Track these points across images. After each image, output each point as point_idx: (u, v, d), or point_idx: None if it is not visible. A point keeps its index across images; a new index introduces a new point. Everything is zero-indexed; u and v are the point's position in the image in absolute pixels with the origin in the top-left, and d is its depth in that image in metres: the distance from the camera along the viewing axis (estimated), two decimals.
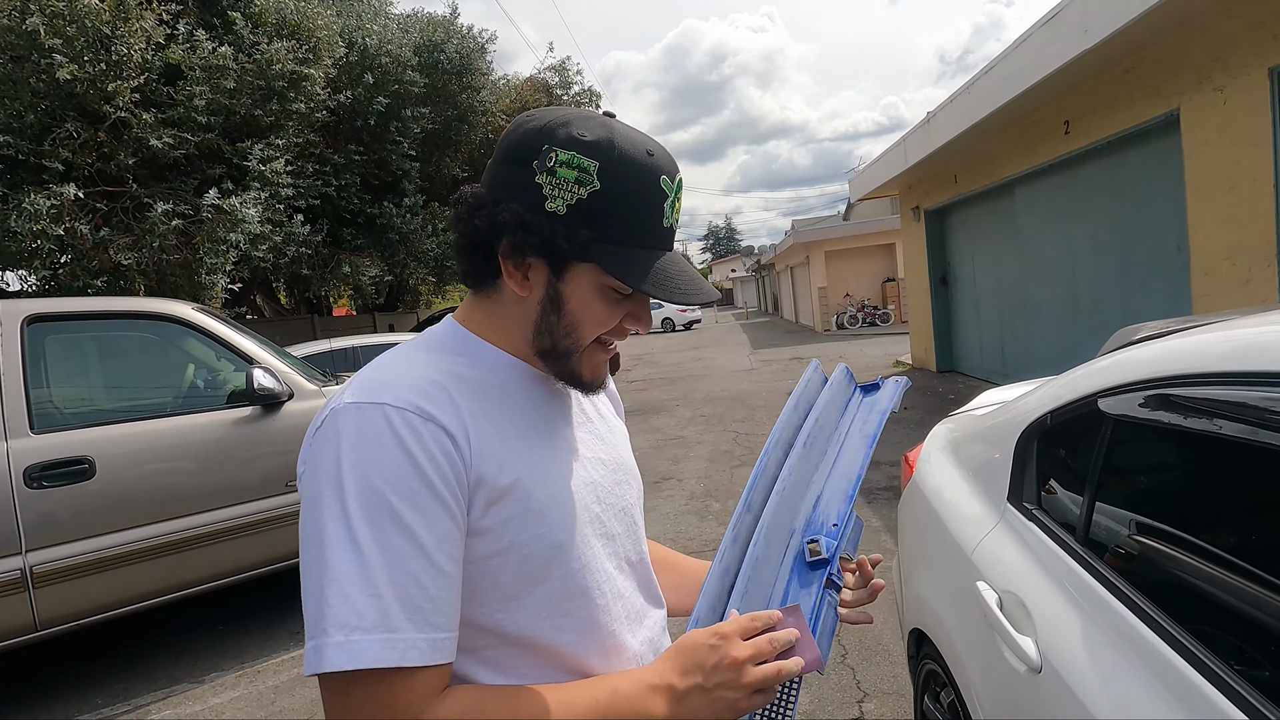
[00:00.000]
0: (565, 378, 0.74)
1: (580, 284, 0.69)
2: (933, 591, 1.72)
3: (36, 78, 5.22)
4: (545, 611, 0.68)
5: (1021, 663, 1.19)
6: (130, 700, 3.06)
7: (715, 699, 0.64)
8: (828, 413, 0.97)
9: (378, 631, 0.56)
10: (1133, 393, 1.16)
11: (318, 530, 0.59)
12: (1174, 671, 0.91)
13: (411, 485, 0.60)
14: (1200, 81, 4.17)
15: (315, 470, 0.62)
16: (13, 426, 2.89)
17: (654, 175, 0.68)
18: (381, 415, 0.61)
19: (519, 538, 0.66)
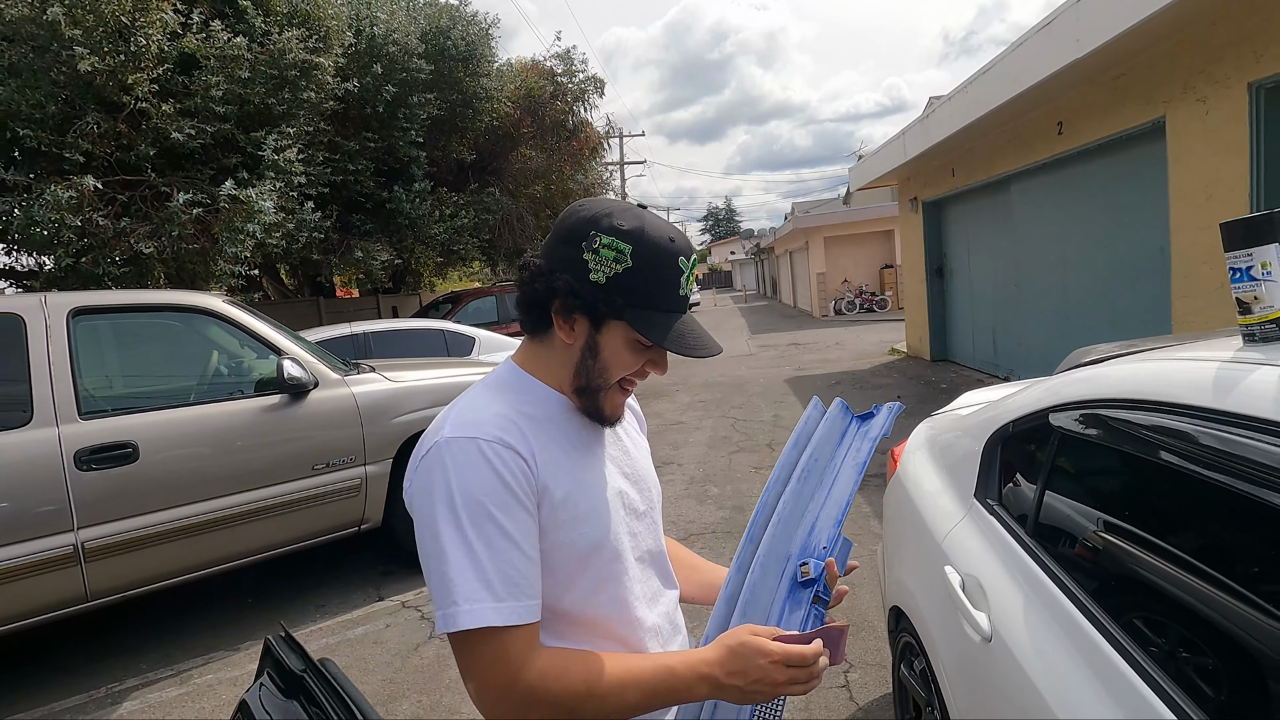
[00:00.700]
0: (589, 411, 0.94)
1: (613, 337, 0.90)
2: (909, 574, 1.96)
3: (57, 69, 5.34)
4: (587, 593, 0.90)
5: (977, 634, 1.42)
6: (173, 665, 3.31)
7: (746, 695, 0.84)
8: (822, 446, 1.11)
9: (489, 601, 0.79)
10: (1073, 410, 1.38)
11: (436, 531, 0.81)
12: (1090, 642, 1.13)
13: (502, 496, 0.82)
14: (1186, 91, 4.35)
15: (429, 487, 0.83)
16: (63, 412, 3.09)
17: (674, 257, 0.88)
18: (475, 447, 0.82)
19: (568, 537, 0.87)
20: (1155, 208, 4.90)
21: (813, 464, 1.08)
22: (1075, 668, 1.15)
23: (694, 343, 0.90)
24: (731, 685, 0.83)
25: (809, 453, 1.09)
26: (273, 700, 0.48)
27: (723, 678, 0.83)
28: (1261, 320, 1.12)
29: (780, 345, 14.54)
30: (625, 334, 0.89)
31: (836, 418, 1.17)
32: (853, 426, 1.17)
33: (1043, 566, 1.35)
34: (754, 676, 0.82)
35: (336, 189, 7.98)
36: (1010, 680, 1.29)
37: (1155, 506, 1.24)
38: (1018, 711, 1.27)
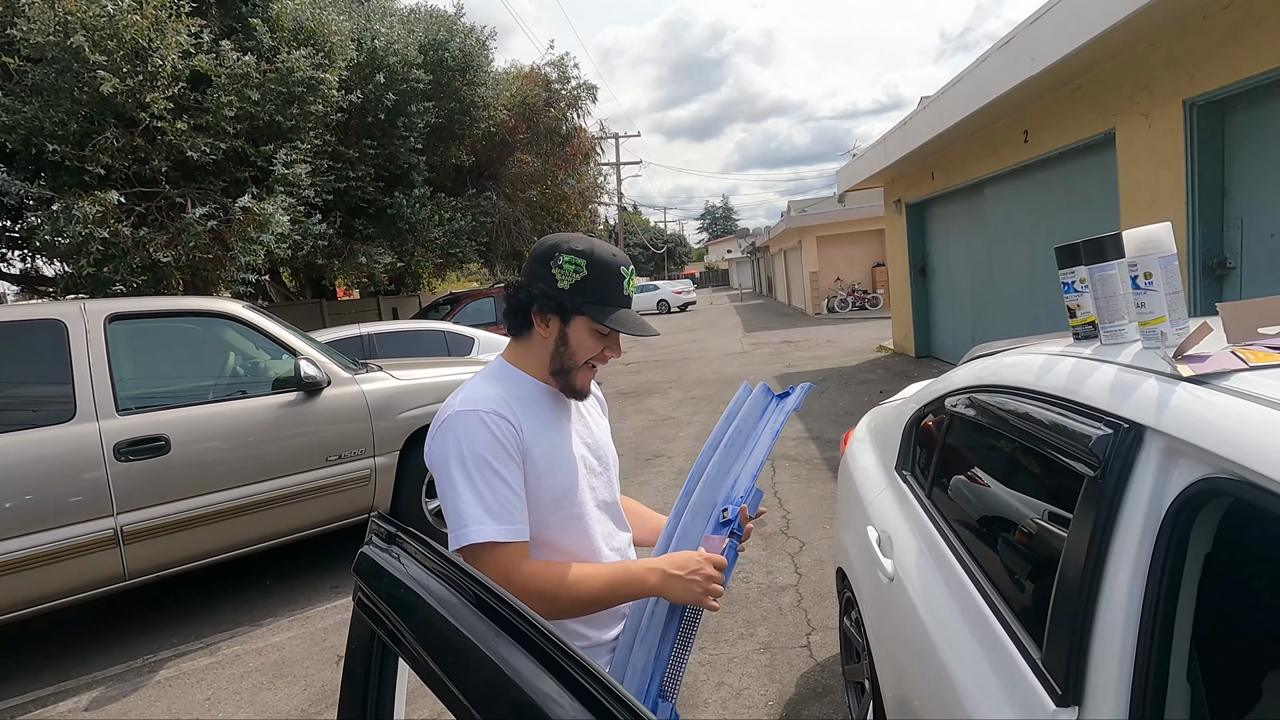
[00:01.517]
0: (564, 388, 1.27)
1: (578, 328, 1.23)
2: (848, 537, 2.30)
3: (79, 89, 5.66)
4: (559, 528, 1.24)
5: (884, 576, 1.76)
6: (202, 639, 3.65)
7: (686, 585, 1.17)
8: (746, 420, 1.43)
9: (491, 524, 1.12)
10: (959, 395, 1.72)
11: (451, 477, 1.14)
12: (953, 572, 1.47)
13: (498, 451, 1.15)
14: (1131, 106, 4.69)
15: (444, 445, 1.16)
16: (102, 408, 3.42)
17: (616, 267, 1.23)
18: (478, 417, 1.16)
19: (545, 485, 1.21)
20: (1109, 212, 5.24)
21: (736, 434, 1.42)
22: (944, 594, 1.49)
23: (635, 327, 1.24)
24: (674, 574, 1.17)
25: (734, 426, 1.43)
26: (380, 549, 0.80)
27: (667, 567, 1.18)
28: (1081, 323, 1.46)
29: (773, 343, 14.86)
30: (586, 325, 1.22)
31: (759, 396, 1.51)
32: (772, 404, 1.51)
33: (931, 519, 1.69)
34: (691, 567, 1.18)
35: (339, 195, 8.31)
36: (904, 610, 1.63)
37: (998, 465, 1.58)
38: (910, 633, 1.60)
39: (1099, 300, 1.36)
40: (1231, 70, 3.83)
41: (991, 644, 1.25)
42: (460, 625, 0.66)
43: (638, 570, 1.19)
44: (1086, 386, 1.20)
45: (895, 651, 1.72)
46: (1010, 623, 1.23)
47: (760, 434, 1.44)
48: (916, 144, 7.67)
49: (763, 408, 1.49)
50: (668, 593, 1.18)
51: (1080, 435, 1.12)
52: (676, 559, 1.20)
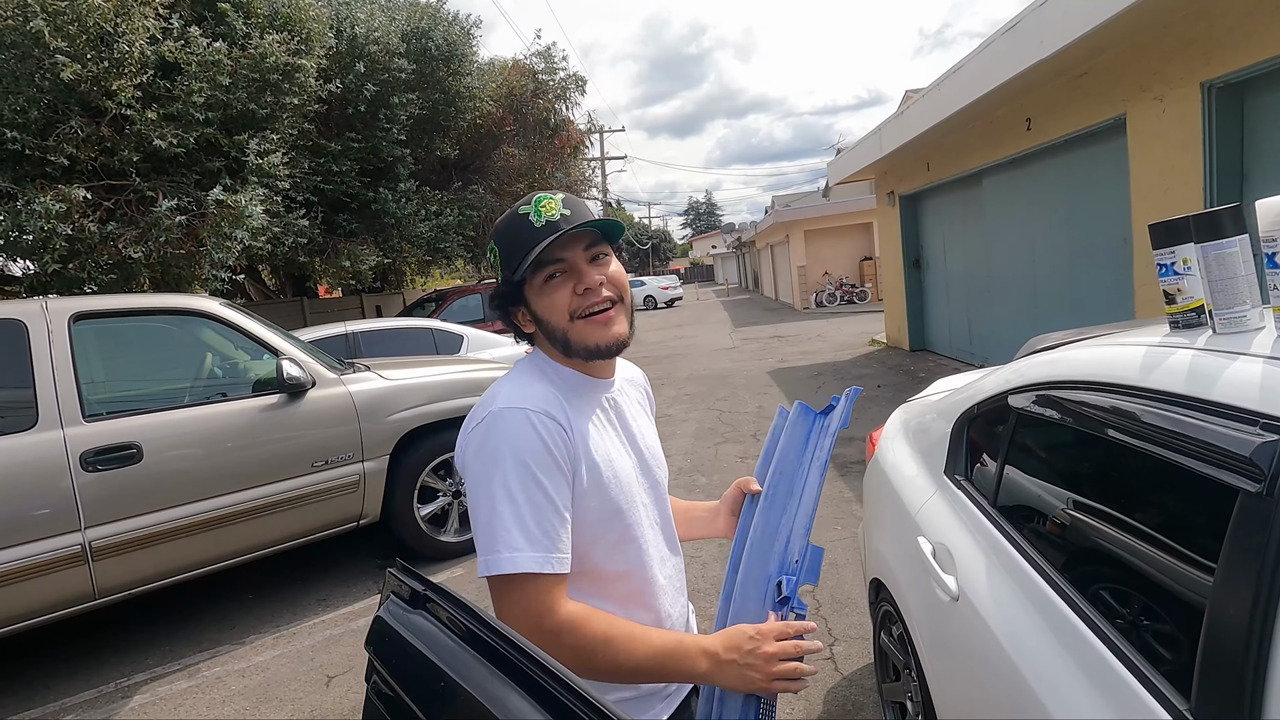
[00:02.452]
0: (583, 353, 1.03)
1: (533, 295, 1.04)
2: (887, 546, 2.12)
3: (40, 75, 5.34)
4: (610, 550, 1.03)
5: (946, 595, 1.58)
6: (179, 660, 3.40)
7: (743, 675, 0.96)
8: (787, 455, 1.18)
9: (528, 550, 0.91)
10: (1029, 392, 1.55)
11: (489, 488, 0.94)
12: (1045, 597, 1.29)
13: (545, 460, 0.94)
14: (1143, 90, 4.57)
15: (483, 448, 0.96)
16: (67, 415, 3.16)
17: (513, 212, 1.03)
18: (524, 417, 0.95)
19: (596, 500, 1.00)
20: (1117, 201, 5.13)
21: (779, 480, 1.17)
22: (1031, 620, 1.31)
23: (552, 233, 0.99)
24: (729, 660, 0.96)
25: (774, 468, 1.19)
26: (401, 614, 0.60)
27: (721, 652, 0.97)
28: (1183, 309, 1.28)
29: (763, 338, 14.74)
30: (531, 284, 1.03)
31: (798, 420, 1.26)
32: (815, 425, 1.25)
33: (1003, 532, 1.51)
34: (746, 649, 0.96)
35: (321, 190, 8.01)
36: (975, 634, 1.45)
37: (1097, 474, 1.41)
38: (982, 662, 1.43)
39: (1213, 283, 1.19)
40: (1252, 51, 3.70)
41: (1110, 684, 1.07)
42: None
43: (691, 649, 0.98)
44: (1222, 384, 1.02)
45: (961, 677, 1.55)
46: (1135, 661, 1.05)
47: (807, 469, 1.18)
48: (914, 134, 7.53)
49: (805, 433, 1.24)
50: (722, 681, 0.98)
51: (1226, 442, 0.94)
52: (730, 639, 0.98)
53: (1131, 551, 1.20)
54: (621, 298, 1.06)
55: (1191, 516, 1.08)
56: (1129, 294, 5.04)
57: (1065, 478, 1.49)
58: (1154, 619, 1.14)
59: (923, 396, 2.66)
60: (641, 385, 1.27)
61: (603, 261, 1.05)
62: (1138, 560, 1.18)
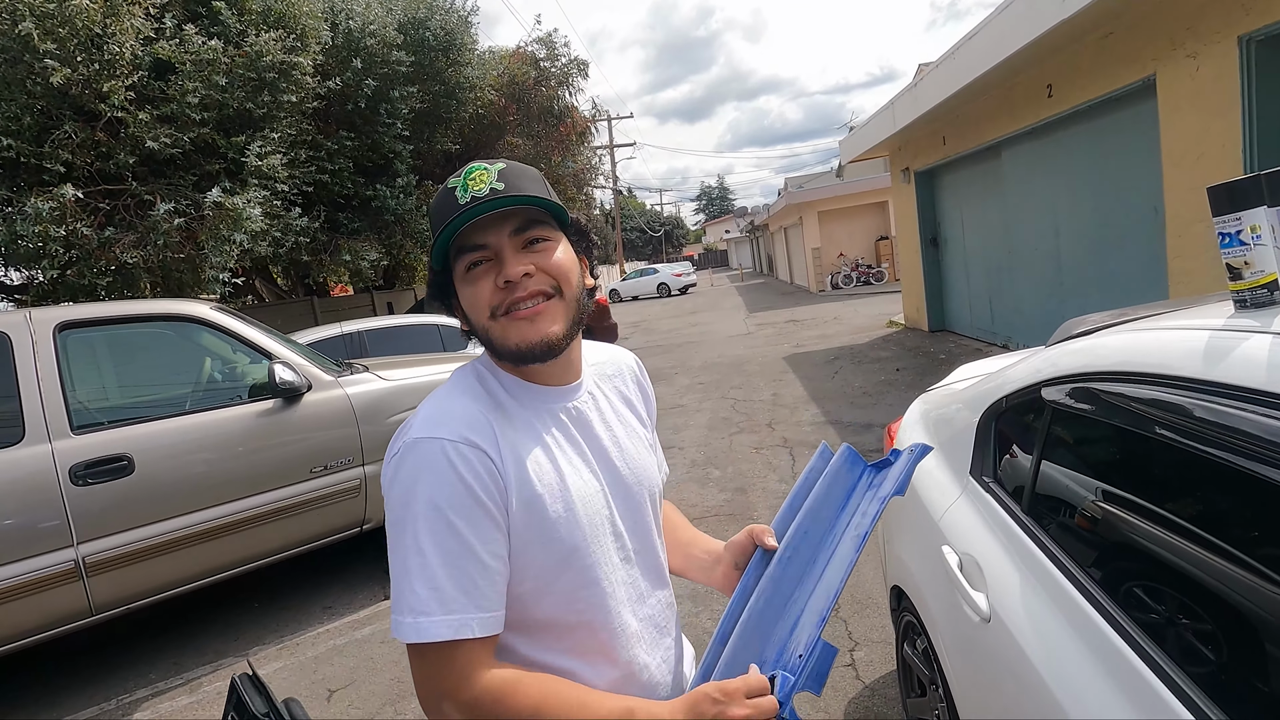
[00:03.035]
0: (509, 357, 0.87)
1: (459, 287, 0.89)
2: (908, 553, 1.95)
3: (31, 80, 5.26)
4: (566, 597, 0.86)
5: (975, 614, 1.41)
6: (182, 674, 3.33)
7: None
8: (820, 511, 0.95)
9: (438, 614, 0.76)
10: (1066, 384, 1.36)
11: (397, 536, 0.80)
12: (1090, 622, 1.12)
13: (463, 501, 0.78)
14: (1174, 48, 4.28)
15: (392, 489, 0.81)
16: (54, 428, 3.07)
17: (444, 187, 0.88)
18: (439, 449, 0.79)
19: (543, 537, 0.83)
20: (1147, 169, 4.85)
21: (801, 540, 0.93)
22: (1075, 648, 1.14)
23: (458, 209, 0.83)
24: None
25: (798, 524, 0.94)
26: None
27: (682, 715, 0.80)
28: (1252, 285, 1.09)
29: (778, 323, 14.50)
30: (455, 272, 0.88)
31: (841, 471, 0.99)
32: (862, 481, 0.99)
33: (1039, 544, 1.33)
34: (711, 714, 0.79)
35: (321, 188, 7.90)
36: (1010, 660, 1.29)
37: (1150, 480, 1.23)
38: (1019, 690, 1.26)
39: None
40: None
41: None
42: None
43: (643, 714, 0.82)
44: None
45: (993, 703, 1.38)
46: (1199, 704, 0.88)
47: (839, 537, 0.93)
48: (928, 106, 7.25)
49: (847, 488, 0.99)
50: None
51: None
52: (692, 702, 0.81)
53: (1191, 575, 1.02)
54: (560, 290, 0.87)
55: (1273, 533, 0.90)
56: (1161, 269, 4.78)
57: (1110, 484, 1.30)
58: (1222, 652, 0.96)
59: (944, 385, 2.47)
60: (629, 375, 1.06)
61: (539, 248, 0.87)
62: (1199, 585, 1.00)
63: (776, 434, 5.93)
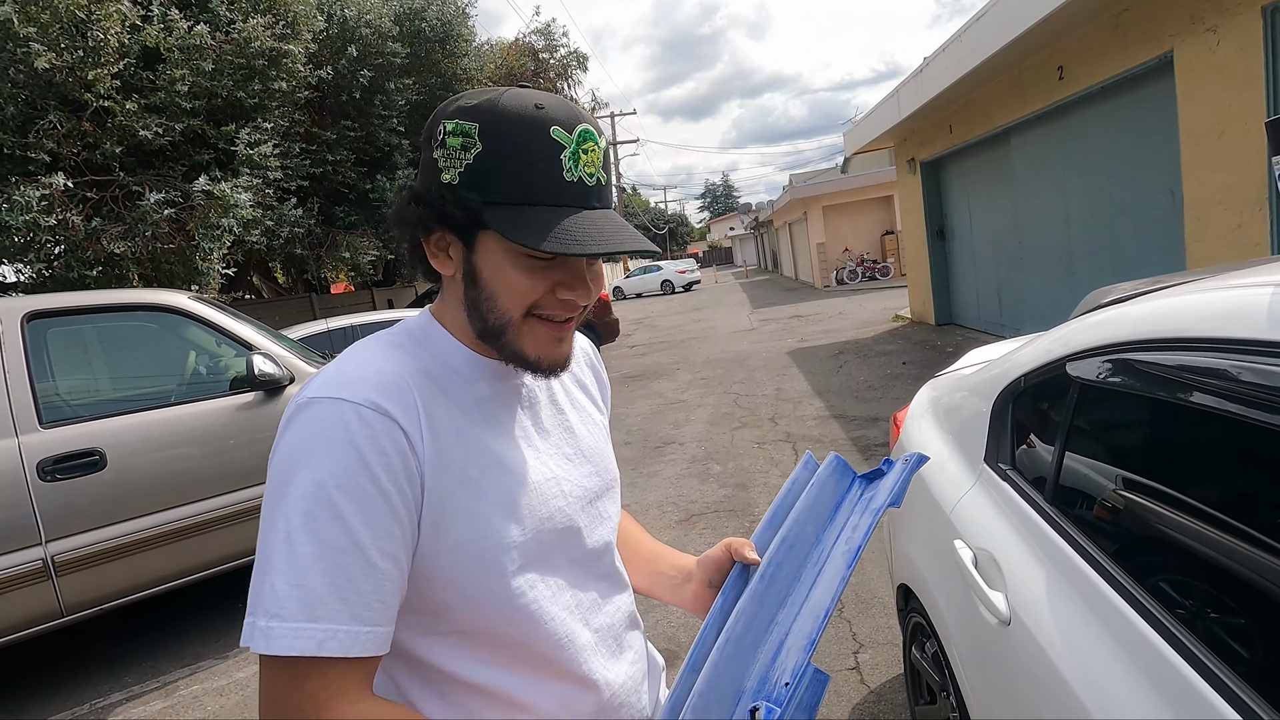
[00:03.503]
0: (509, 357, 0.72)
1: (489, 253, 0.68)
2: (916, 549, 1.79)
3: (14, 68, 5.14)
4: (496, 607, 0.70)
5: (993, 616, 1.25)
6: (159, 677, 3.20)
7: None
8: (805, 525, 0.85)
9: (296, 621, 0.58)
10: (1095, 356, 1.20)
11: (267, 520, 0.62)
12: (1128, 624, 0.96)
13: (358, 483, 0.61)
14: (1193, 22, 4.10)
15: (274, 458, 0.64)
16: (21, 422, 2.95)
17: (542, 127, 0.65)
18: (338, 411, 0.62)
19: (472, 534, 0.68)
20: (1164, 150, 4.67)
21: (785, 554, 0.81)
22: (1109, 653, 0.99)
23: (583, 238, 0.65)
24: None
25: (781, 538, 0.82)
26: None
27: None
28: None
29: (782, 318, 14.34)
30: (503, 245, 0.67)
31: (829, 482, 0.88)
32: (852, 492, 0.89)
33: (1065, 537, 1.17)
34: None
35: (317, 181, 7.78)
36: (1033, 668, 1.13)
37: (1194, 461, 1.07)
38: (1043, 701, 1.11)
39: None
40: None
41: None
42: None
43: None
44: None
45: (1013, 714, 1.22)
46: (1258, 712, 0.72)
47: (828, 552, 0.82)
48: (934, 92, 7.07)
49: (836, 500, 0.88)
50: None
51: None
52: None
53: (1243, 570, 0.86)
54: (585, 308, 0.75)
55: None
56: (1179, 253, 4.59)
57: (1149, 468, 1.14)
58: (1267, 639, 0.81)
59: (954, 370, 2.31)
60: (582, 359, 0.91)
61: (596, 268, 0.75)
62: (1252, 581, 0.84)
63: (780, 429, 5.77)
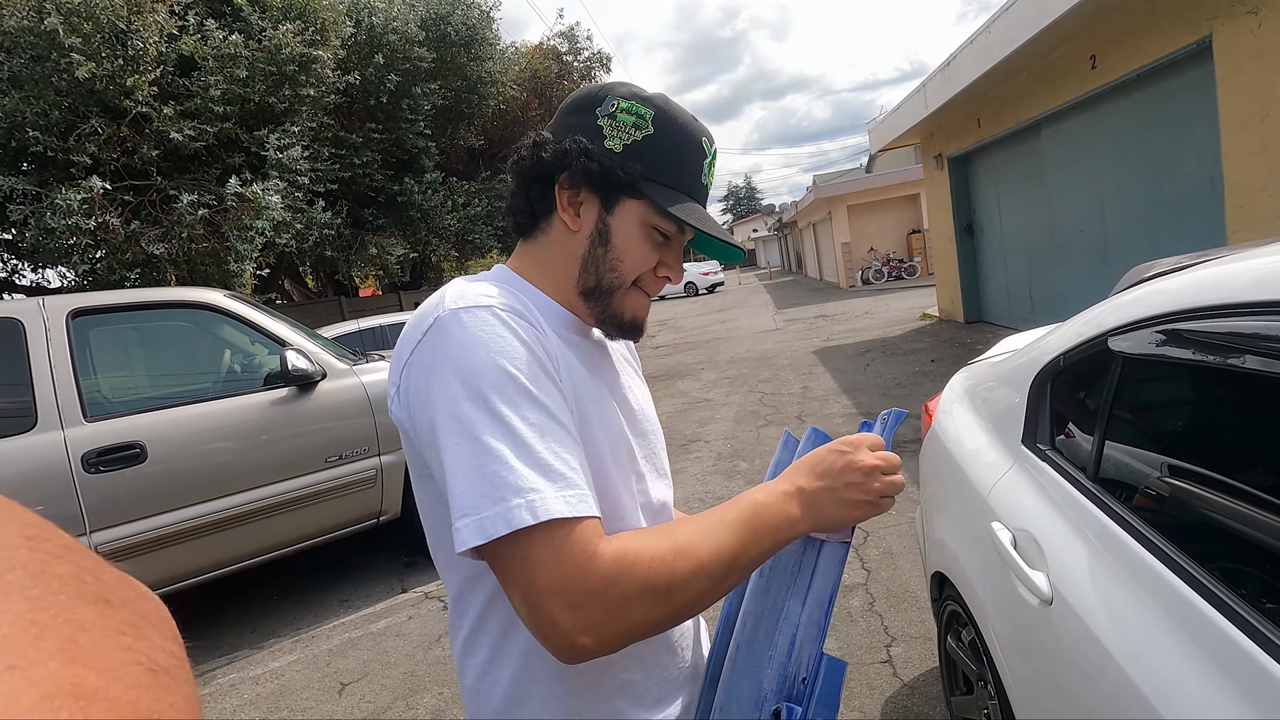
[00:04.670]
0: (607, 317, 0.78)
1: (628, 219, 0.76)
2: (952, 535, 1.76)
3: (58, 76, 5.33)
4: None
5: (1034, 597, 1.23)
6: (197, 667, 3.26)
7: (844, 500, 0.72)
8: None
9: (548, 490, 0.60)
10: (1141, 330, 1.17)
11: (459, 420, 0.62)
12: (1181, 600, 0.94)
13: (535, 369, 0.65)
14: (1233, 5, 3.99)
15: (437, 368, 0.65)
16: (67, 415, 3.04)
17: (697, 135, 0.77)
18: (492, 314, 0.66)
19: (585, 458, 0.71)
20: (1203, 137, 4.55)
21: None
22: (1159, 629, 0.96)
23: (717, 229, 0.78)
24: (820, 488, 0.72)
25: None
26: None
27: (807, 484, 0.73)
28: None
29: (807, 318, 14.22)
30: (641, 216, 0.76)
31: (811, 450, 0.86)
32: None
33: (1111, 514, 1.15)
34: (839, 466, 0.73)
35: (346, 184, 7.92)
36: (1078, 649, 1.10)
37: (1246, 434, 1.04)
38: (1089, 683, 1.08)
39: None
40: None
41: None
42: None
43: (769, 498, 0.71)
44: None
45: (1057, 700, 1.20)
46: None
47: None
48: (962, 85, 6.97)
49: None
50: (824, 520, 0.73)
51: None
52: (811, 465, 0.74)
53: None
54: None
55: None
56: (1220, 242, 4.46)
57: (1198, 442, 1.11)
58: None
59: (987, 358, 2.27)
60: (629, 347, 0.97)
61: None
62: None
63: (806, 426, 5.71)
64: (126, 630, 0.22)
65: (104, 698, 0.19)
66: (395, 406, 0.71)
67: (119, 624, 0.22)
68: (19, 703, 0.18)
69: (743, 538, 0.67)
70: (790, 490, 0.72)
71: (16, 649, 0.19)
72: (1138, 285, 1.36)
